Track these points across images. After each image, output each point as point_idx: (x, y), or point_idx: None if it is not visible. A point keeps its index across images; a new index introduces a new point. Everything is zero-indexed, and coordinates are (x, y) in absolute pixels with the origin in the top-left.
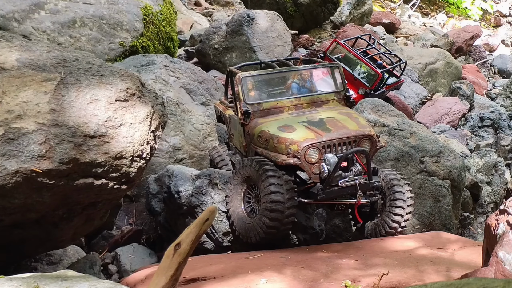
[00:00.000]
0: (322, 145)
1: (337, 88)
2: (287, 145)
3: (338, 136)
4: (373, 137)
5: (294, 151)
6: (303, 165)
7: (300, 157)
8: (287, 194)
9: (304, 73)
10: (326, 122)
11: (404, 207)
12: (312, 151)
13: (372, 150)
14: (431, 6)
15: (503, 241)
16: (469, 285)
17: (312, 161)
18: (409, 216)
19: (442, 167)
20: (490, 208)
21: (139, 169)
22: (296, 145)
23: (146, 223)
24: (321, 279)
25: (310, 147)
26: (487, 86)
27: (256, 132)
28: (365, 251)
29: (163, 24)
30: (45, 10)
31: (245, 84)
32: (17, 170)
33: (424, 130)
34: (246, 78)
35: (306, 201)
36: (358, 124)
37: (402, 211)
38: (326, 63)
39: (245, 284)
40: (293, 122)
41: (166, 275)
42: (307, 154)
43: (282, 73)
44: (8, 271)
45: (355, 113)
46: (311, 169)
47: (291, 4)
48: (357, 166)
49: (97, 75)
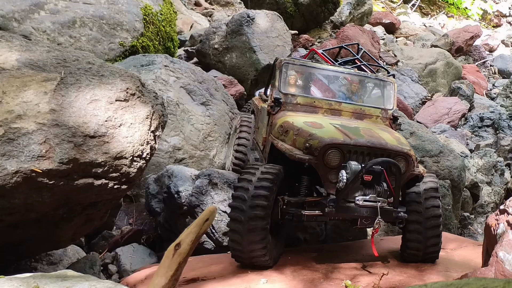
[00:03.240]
0: (348, 149)
1: (385, 105)
2: (307, 139)
3: (369, 144)
4: (411, 158)
5: (313, 147)
6: (318, 167)
7: (318, 156)
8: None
9: (355, 78)
10: (361, 129)
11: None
12: (333, 152)
13: (406, 173)
14: (431, 6)
15: (503, 241)
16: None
17: (330, 165)
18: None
19: (442, 167)
20: (490, 208)
21: (139, 169)
22: (318, 141)
23: (146, 223)
24: (321, 279)
25: (332, 147)
26: (487, 86)
27: (279, 122)
28: (365, 251)
29: (163, 24)
30: (45, 10)
31: (284, 71)
32: (17, 170)
33: (424, 130)
34: (288, 64)
35: (307, 213)
36: (398, 141)
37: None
38: (381, 76)
39: (245, 284)
40: (323, 121)
41: (166, 275)
42: (327, 154)
43: (330, 71)
44: (8, 271)
45: (397, 133)
46: (327, 175)
47: (291, 4)
48: (384, 186)
49: (97, 75)
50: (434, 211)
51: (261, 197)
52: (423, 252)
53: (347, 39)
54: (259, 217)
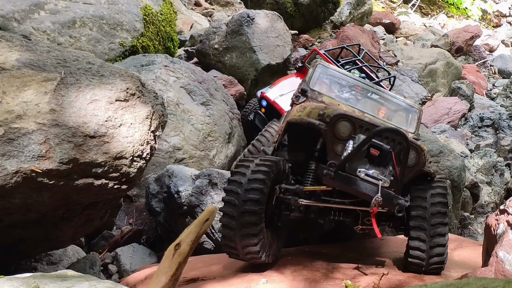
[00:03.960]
0: (360, 124)
1: (407, 128)
2: (323, 109)
3: (389, 128)
4: (423, 152)
5: (326, 114)
6: (326, 135)
7: (329, 124)
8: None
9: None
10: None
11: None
12: (344, 123)
13: (416, 167)
14: (431, 6)
15: (503, 241)
16: (469, 285)
17: (340, 135)
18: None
19: (442, 167)
20: (490, 208)
21: (139, 169)
22: (332, 110)
23: (146, 223)
24: (321, 279)
25: (345, 118)
26: (487, 86)
27: (298, 108)
28: (365, 251)
29: (163, 24)
30: (45, 10)
31: (318, 71)
32: (17, 170)
33: (424, 130)
34: (323, 66)
35: (304, 202)
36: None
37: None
38: (410, 102)
39: (245, 284)
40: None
41: (166, 275)
42: (338, 124)
43: (360, 83)
44: (8, 271)
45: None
46: (334, 146)
47: (291, 4)
48: (389, 168)
49: (97, 75)
50: (440, 218)
51: (255, 190)
52: (427, 262)
53: (347, 39)
54: (252, 211)
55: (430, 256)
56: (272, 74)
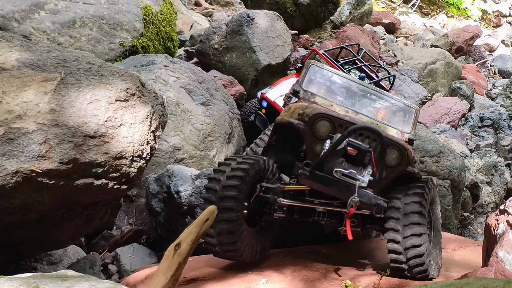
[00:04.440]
0: (340, 123)
1: (403, 128)
2: (303, 108)
3: (363, 125)
4: (406, 152)
5: (305, 114)
6: (305, 135)
7: (308, 123)
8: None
9: (379, 96)
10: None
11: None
12: (323, 122)
13: (399, 167)
14: (431, 6)
15: (503, 241)
16: (469, 285)
17: (319, 134)
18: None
19: (442, 167)
20: (490, 208)
21: (139, 169)
22: (311, 110)
23: (146, 223)
24: (321, 279)
25: (324, 117)
26: (487, 86)
27: (286, 108)
28: (365, 251)
29: (163, 24)
30: (45, 10)
31: (310, 71)
32: (17, 170)
33: (424, 130)
34: (316, 67)
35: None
36: (399, 138)
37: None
38: (406, 102)
39: (245, 284)
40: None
41: (166, 275)
42: (317, 123)
43: (355, 83)
44: (8, 271)
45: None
46: (313, 146)
47: (291, 4)
48: (369, 169)
49: (97, 75)
50: (413, 218)
51: (232, 187)
52: (407, 266)
53: (347, 39)
54: (229, 208)
55: (407, 259)
56: (272, 74)
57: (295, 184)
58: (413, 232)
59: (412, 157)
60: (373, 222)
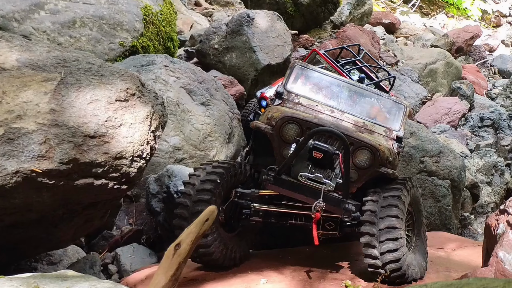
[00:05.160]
0: (308, 126)
1: (391, 125)
2: (273, 112)
3: (332, 127)
4: (378, 152)
5: (273, 117)
6: (273, 139)
7: (275, 127)
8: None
9: (366, 94)
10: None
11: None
12: (291, 125)
13: (371, 168)
14: (431, 6)
15: (503, 241)
16: (469, 285)
17: (286, 138)
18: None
19: (442, 167)
20: (490, 208)
21: (139, 169)
22: (279, 113)
23: (146, 223)
24: (321, 279)
25: (291, 120)
26: (487, 86)
27: (264, 111)
28: None
29: (163, 24)
30: (45, 10)
31: (294, 72)
32: (17, 170)
33: (424, 130)
34: (300, 67)
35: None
36: (375, 140)
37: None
38: (395, 99)
39: (245, 284)
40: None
41: (166, 275)
42: (284, 127)
43: (342, 82)
44: (8, 271)
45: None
46: (281, 150)
47: (291, 4)
48: (337, 171)
49: (97, 75)
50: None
51: (206, 191)
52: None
53: (347, 39)
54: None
55: (384, 263)
56: (272, 74)
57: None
58: (389, 237)
59: (386, 157)
60: (351, 225)
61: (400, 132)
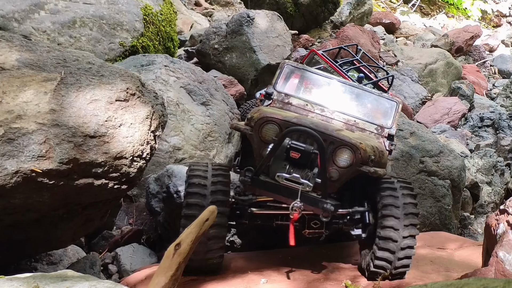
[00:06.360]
0: (287, 126)
1: (382, 123)
2: (254, 113)
3: (312, 126)
4: (359, 151)
5: (253, 118)
6: (253, 139)
7: (254, 127)
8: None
9: (357, 92)
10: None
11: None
12: (270, 126)
13: (352, 167)
14: (431, 6)
15: (503, 241)
16: (469, 285)
17: (266, 139)
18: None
19: (442, 167)
20: (490, 208)
21: (139, 169)
22: (259, 114)
23: (146, 223)
24: (321, 279)
25: (271, 121)
26: (487, 86)
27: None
28: None
29: (163, 24)
30: (45, 10)
31: (284, 72)
32: (17, 170)
33: (424, 130)
34: (289, 66)
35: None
36: (361, 138)
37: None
38: (387, 96)
39: (245, 284)
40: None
41: (166, 275)
42: (263, 127)
43: (332, 80)
44: (8, 271)
45: (375, 141)
46: (261, 151)
47: (291, 4)
48: (315, 171)
49: (97, 75)
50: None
51: (220, 192)
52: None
53: (347, 39)
54: (193, 216)
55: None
56: (272, 74)
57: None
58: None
59: (368, 155)
60: (338, 222)
61: (392, 129)
